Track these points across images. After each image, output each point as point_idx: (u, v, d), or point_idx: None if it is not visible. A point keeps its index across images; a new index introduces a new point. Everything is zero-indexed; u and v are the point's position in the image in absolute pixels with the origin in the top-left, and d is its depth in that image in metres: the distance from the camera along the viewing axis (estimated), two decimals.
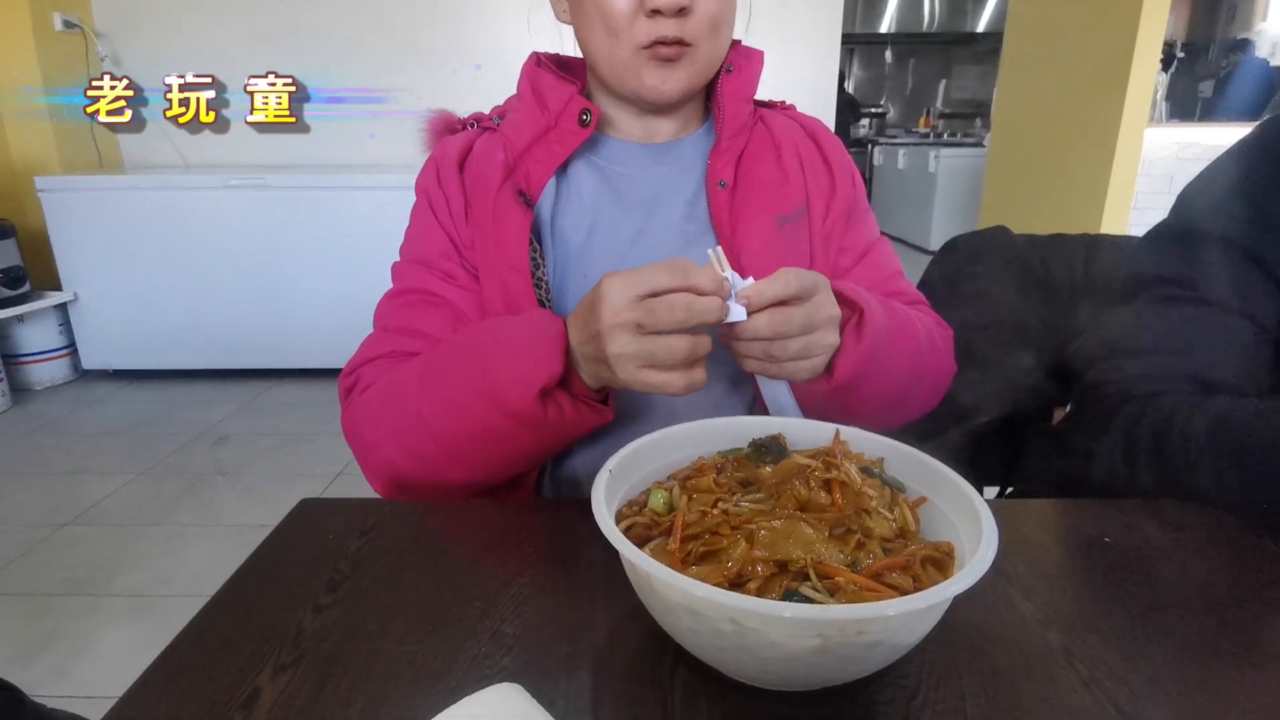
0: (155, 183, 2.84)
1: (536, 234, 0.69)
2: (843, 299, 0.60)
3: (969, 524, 0.40)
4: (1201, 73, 5.25)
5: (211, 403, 2.84)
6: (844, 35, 3.22)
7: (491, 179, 0.69)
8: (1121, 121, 3.21)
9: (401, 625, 0.44)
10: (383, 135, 3.11)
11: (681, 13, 0.62)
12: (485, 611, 0.45)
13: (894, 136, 6.94)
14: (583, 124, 0.69)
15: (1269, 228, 0.60)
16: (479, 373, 0.58)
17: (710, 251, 0.54)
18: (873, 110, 7.70)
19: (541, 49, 0.76)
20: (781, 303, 0.53)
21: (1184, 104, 4.79)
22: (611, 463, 0.44)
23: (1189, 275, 0.64)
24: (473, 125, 0.75)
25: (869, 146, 7.02)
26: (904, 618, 0.32)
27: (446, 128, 0.76)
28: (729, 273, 0.53)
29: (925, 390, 0.70)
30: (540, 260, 0.68)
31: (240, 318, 2.95)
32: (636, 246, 0.71)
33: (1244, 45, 4.67)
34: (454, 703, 0.38)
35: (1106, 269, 1.02)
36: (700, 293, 0.50)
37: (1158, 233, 0.71)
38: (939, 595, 0.32)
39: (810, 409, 0.63)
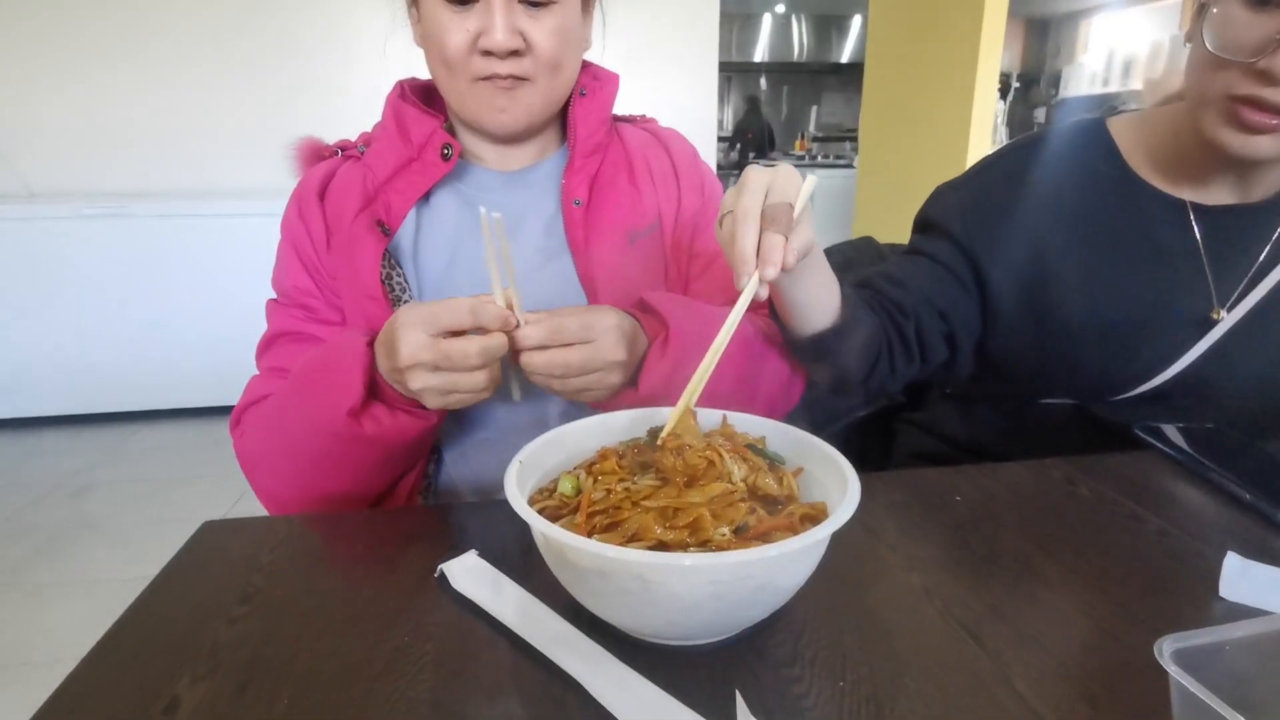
0: None
1: (399, 263, 0.72)
2: (655, 314, 0.65)
3: (839, 486, 0.46)
4: (1035, 100, 5.89)
5: (68, 451, 2.59)
6: (721, 63, 3.40)
7: (350, 207, 0.71)
8: (969, 145, 3.57)
9: (319, 626, 0.45)
10: (252, 160, 2.98)
11: (515, 53, 0.66)
12: (404, 606, 0.47)
13: (774, 159, 7.33)
14: (444, 158, 0.72)
15: (979, 225, 0.79)
16: (301, 400, 0.63)
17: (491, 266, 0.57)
18: (751, 135, 8.10)
19: (398, 76, 0.78)
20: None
21: (1022, 128, 5.36)
22: (522, 454, 0.47)
23: (921, 243, 0.83)
24: (338, 153, 0.77)
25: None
26: (783, 559, 0.37)
27: (315, 154, 0.78)
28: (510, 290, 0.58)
29: (765, 396, 0.71)
30: (406, 284, 0.71)
31: (100, 357, 2.71)
32: None
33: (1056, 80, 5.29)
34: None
35: None
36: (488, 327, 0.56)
37: (915, 219, 0.89)
38: (812, 537, 0.37)
39: None
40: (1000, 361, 0.82)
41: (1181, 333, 0.73)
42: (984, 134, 3.61)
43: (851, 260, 1.20)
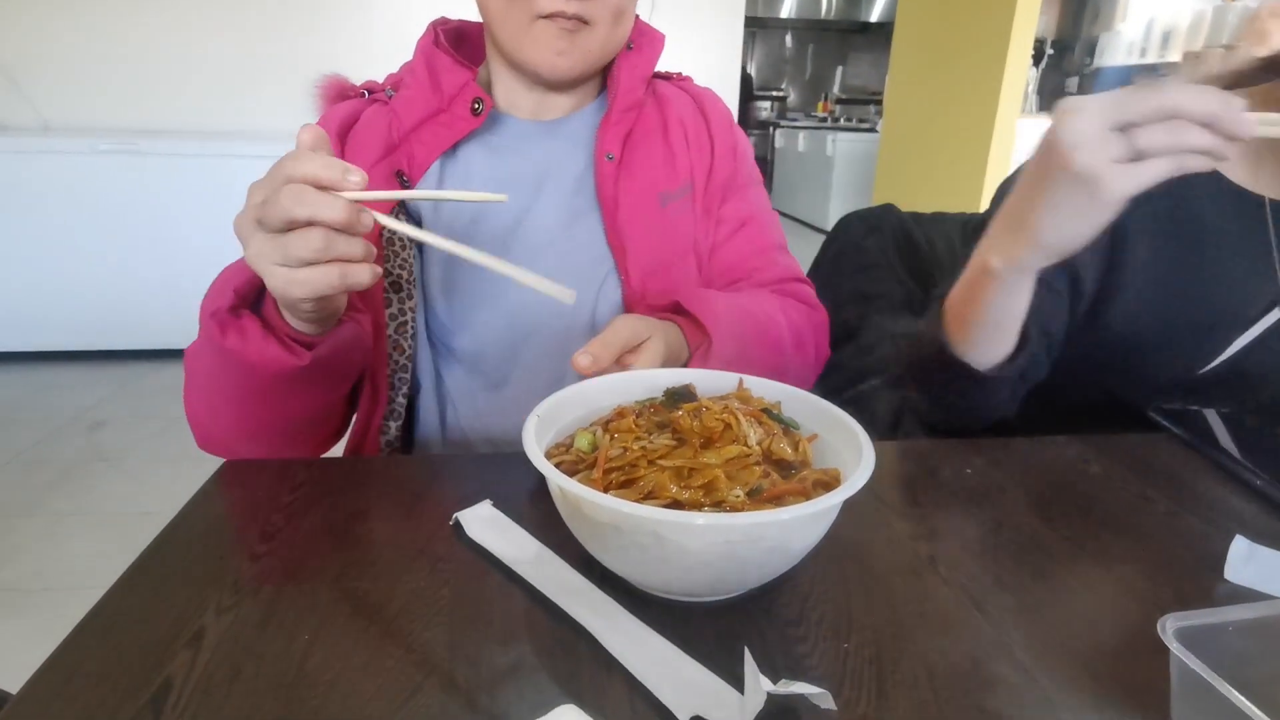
0: (10, 146, 2.58)
1: (416, 217, 0.70)
2: (698, 324, 0.65)
3: (853, 453, 0.47)
4: (1069, 69, 5.71)
5: (84, 385, 2.64)
6: (746, 18, 3.31)
7: (370, 152, 0.69)
8: (997, 112, 3.48)
9: (339, 566, 0.46)
10: (268, 102, 2.94)
11: None
12: (421, 551, 0.48)
13: (794, 120, 7.18)
14: (474, 113, 0.70)
15: None
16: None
17: None
18: (774, 94, 7.92)
19: (427, 12, 0.75)
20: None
21: (1053, 97, 5.20)
22: (540, 408, 0.48)
23: None
24: (364, 94, 0.74)
25: (771, 129, 7.24)
26: (795, 522, 0.38)
27: (339, 94, 0.75)
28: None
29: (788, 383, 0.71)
30: (409, 241, 0.68)
31: (114, 294, 2.74)
32: (522, 225, 0.72)
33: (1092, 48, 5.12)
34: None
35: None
36: (320, 184, 0.46)
37: (981, 220, 0.83)
38: (825, 503, 0.38)
39: None
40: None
41: (1235, 330, 0.71)
42: (1014, 102, 3.52)
43: (874, 228, 1.19)
